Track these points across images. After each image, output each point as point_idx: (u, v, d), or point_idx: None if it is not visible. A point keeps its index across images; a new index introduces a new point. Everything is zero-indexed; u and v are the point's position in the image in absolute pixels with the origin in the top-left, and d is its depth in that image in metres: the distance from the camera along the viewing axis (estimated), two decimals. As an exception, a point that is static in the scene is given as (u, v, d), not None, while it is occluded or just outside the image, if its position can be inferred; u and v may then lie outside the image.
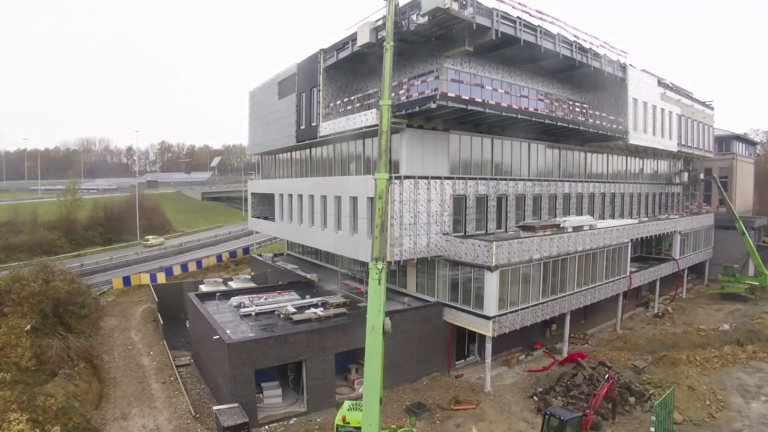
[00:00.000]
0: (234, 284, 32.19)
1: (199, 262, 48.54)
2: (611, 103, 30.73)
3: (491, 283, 20.74)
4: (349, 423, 14.40)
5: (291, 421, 18.51)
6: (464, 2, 19.09)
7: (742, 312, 34.13)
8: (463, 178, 24.56)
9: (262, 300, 24.10)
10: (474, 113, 22.07)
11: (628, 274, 30.07)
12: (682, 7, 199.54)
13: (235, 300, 23.90)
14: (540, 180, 28.97)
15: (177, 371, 23.14)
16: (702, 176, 47.39)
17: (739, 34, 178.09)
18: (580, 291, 26.03)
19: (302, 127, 30.39)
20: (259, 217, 41.58)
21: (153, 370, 23.79)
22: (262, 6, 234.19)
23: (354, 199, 24.37)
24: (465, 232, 24.59)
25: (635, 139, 31.63)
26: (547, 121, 24.49)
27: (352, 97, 24.92)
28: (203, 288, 30.59)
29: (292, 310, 21.97)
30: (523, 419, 18.82)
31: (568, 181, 31.08)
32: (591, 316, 30.76)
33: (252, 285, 32.34)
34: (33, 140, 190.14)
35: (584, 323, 30.34)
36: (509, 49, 23.56)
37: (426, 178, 22.76)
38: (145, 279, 41.44)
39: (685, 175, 43.08)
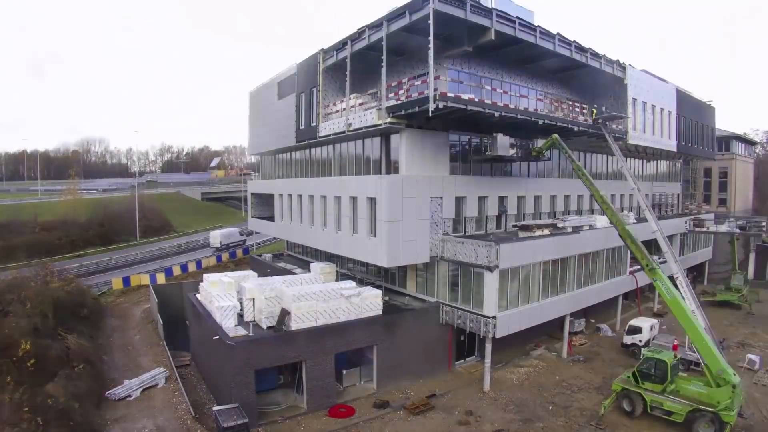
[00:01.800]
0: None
1: (198, 263, 48.52)
2: (611, 103, 30.72)
3: (491, 283, 20.76)
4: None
5: (291, 421, 18.52)
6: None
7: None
8: (463, 178, 24.60)
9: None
10: (474, 113, 22.08)
11: (627, 273, 30.09)
12: (682, 6, 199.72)
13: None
14: (540, 179, 29.01)
15: (177, 372, 23.15)
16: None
17: (739, 33, 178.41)
18: (581, 291, 26.07)
19: (302, 127, 30.37)
20: (259, 218, 41.59)
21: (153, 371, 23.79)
22: (262, 6, 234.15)
23: (354, 200, 24.37)
24: (465, 232, 24.62)
25: (635, 139, 31.65)
26: (546, 121, 24.49)
27: (351, 97, 24.91)
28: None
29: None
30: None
31: (568, 180, 31.09)
32: (591, 316, 30.78)
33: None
34: (33, 141, 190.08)
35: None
36: (509, 49, 23.59)
37: (426, 178, 22.78)
38: (145, 279, 41.38)
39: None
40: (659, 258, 35.94)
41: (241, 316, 21.04)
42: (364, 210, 23.46)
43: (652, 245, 36.49)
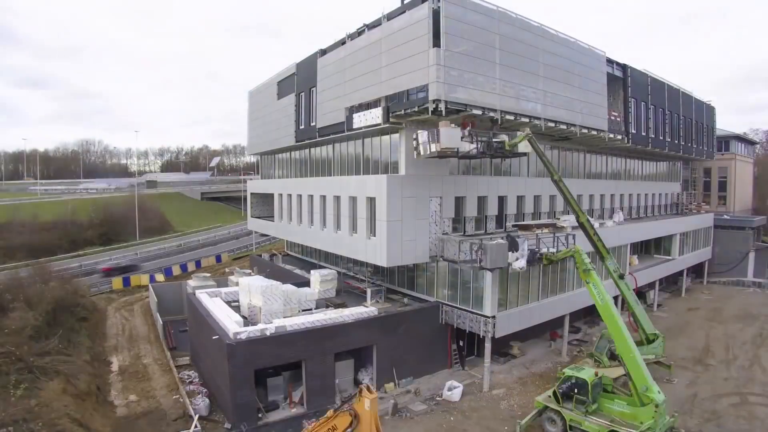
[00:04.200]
0: (234, 278, 32.01)
1: (198, 262, 48.60)
2: (611, 103, 30.74)
3: (490, 283, 20.74)
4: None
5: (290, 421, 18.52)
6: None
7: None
8: (463, 178, 24.58)
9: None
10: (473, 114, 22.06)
11: (627, 273, 30.05)
12: (682, 6, 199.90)
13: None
14: (540, 179, 28.96)
15: (176, 371, 23.16)
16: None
17: (739, 33, 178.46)
18: (580, 291, 26.02)
19: (301, 127, 30.40)
20: (258, 217, 41.60)
21: (152, 371, 23.80)
22: (261, 5, 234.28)
23: (353, 199, 24.37)
24: (464, 232, 24.62)
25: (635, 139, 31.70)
26: (547, 122, 24.42)
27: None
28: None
29: None
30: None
31: (569, 180, 31.05)
32: (591, 316, 30.77)
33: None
34: (32, 141, 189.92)
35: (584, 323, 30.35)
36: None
37: (426, 177, 22.76)
38: (145, 279, 41.42)
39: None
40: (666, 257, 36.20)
41: (244, 317, 21.07)
42: (363, 210, 23.46)
43: (651, 245, 36.93)
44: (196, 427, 17.15)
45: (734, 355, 25.41)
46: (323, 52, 27.27)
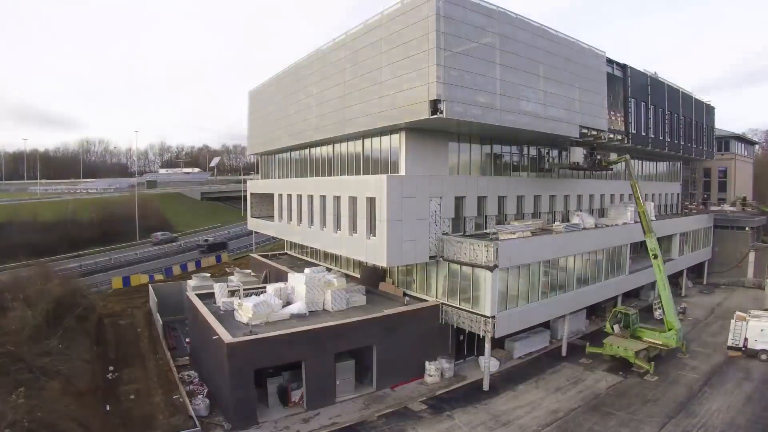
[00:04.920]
0: (234, 278, 32.09)
1: (198, 262, 48.59)
2: (611, 103, 30.75)
3: (490, 283, 20.74)
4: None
5: (291, 420, 18.52)
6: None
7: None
8: (463, 178, 24.58)
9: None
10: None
11: (627, 273, 30.11)
12: (682, 6, 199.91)
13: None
14: (540, 179, 29.00)
15: (176, 371, 23.16)
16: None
17: (739, 33, 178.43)
18: (581, 290, 26.07)
19: (302, 126, 30.35)
20: (258, 217, 41.59)
21: (152, 370, 23.81)
22: (262, 5, 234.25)
23: (353, 199, 24.34)
24: (464, 232, 24.61)
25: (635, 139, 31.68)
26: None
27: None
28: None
29: None
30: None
31: (568, 180, 31.10)
32: (593, 316, 30.79)
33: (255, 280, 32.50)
34: (32, 141, 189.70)
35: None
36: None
37: (426, 177, 22.75)
38: (145, 279, 41.45)
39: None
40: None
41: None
42: (363, 210, 23.43)
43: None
44: (195, 427, 17.15)
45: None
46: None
